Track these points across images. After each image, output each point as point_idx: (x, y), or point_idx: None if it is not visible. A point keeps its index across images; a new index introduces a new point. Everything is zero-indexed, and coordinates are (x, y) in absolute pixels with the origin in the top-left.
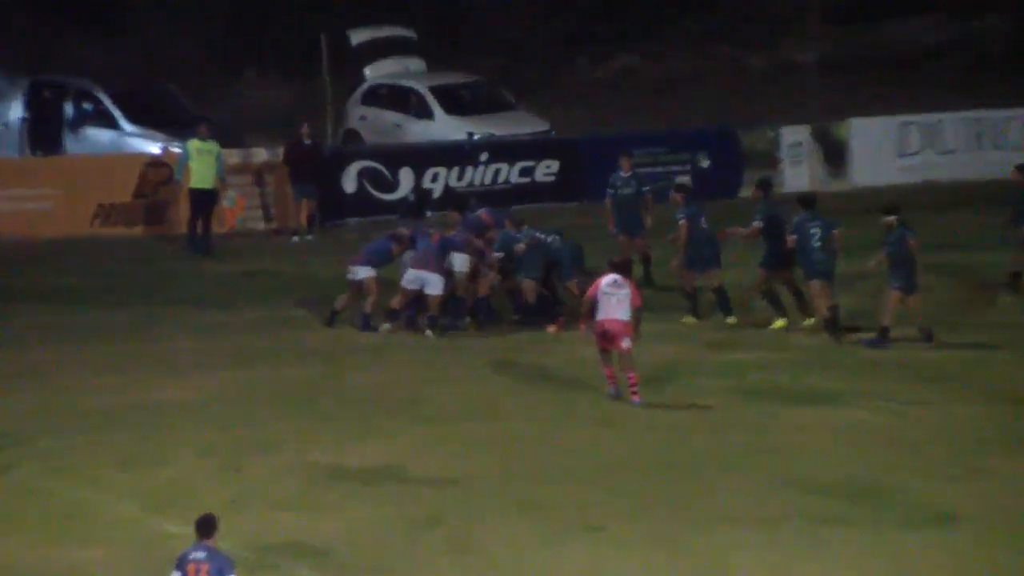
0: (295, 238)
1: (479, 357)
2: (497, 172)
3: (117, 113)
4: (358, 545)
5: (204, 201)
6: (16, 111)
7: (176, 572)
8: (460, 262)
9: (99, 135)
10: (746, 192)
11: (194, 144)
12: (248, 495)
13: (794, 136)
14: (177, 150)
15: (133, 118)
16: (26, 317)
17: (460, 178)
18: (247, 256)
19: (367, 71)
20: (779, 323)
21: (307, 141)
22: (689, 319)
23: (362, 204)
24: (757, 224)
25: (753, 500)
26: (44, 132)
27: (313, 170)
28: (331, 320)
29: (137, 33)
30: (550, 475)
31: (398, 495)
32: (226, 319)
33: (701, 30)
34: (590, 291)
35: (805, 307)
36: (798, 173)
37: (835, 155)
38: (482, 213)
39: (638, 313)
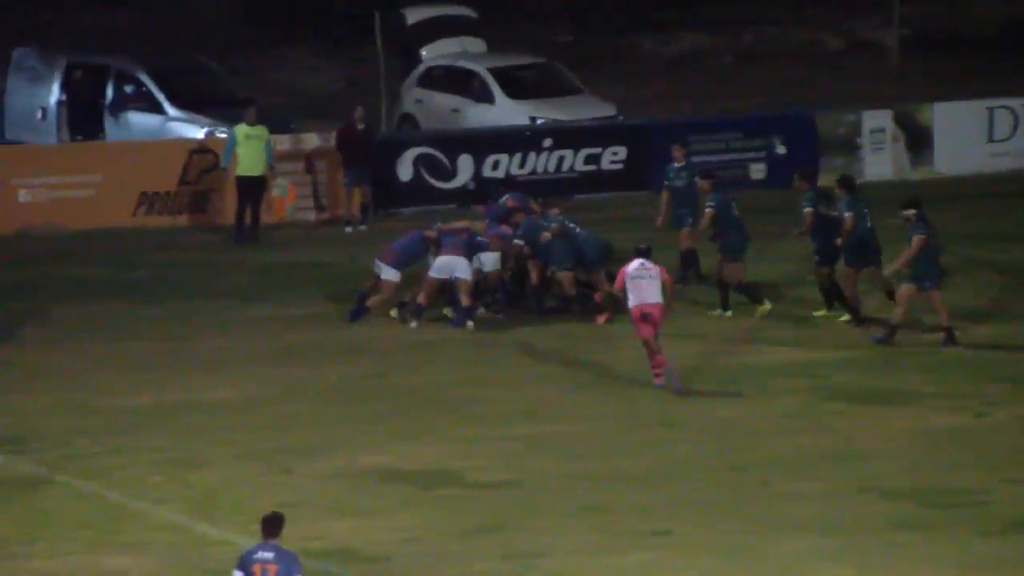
0: (348, 228)
1: (532, 355)
2: (561, 159)
3: (160, 96)
4: (412, 553)
5: (252, 189)
6: (53, 94)
7: (238, 572)
8: (491, 262)
9: (141, 119)
10: (824, 181)
11: (242, 129)
12: (296, 500)
13: (876, 121)
14: (223, 135)
15: (176, 101)
16: (61, 311)
17: (522, 165)
18: (296, 247)
19: (423, 52)
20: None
21: (360, 126)
22: (716, 312)
23: (418, 193)
24: (808, 211)
25: (825, 506)
26: (83, 116)
27: (366, 157)
28: (356, 314)
29: (143, 2)
30: (612, 478)
31: (453, 499)
32: (271, 314)
33: (775, 7)
34: (617, 281)
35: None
36: (880, 160)
37: (919, 141)
38: (508, 199)
39: (668, 289)
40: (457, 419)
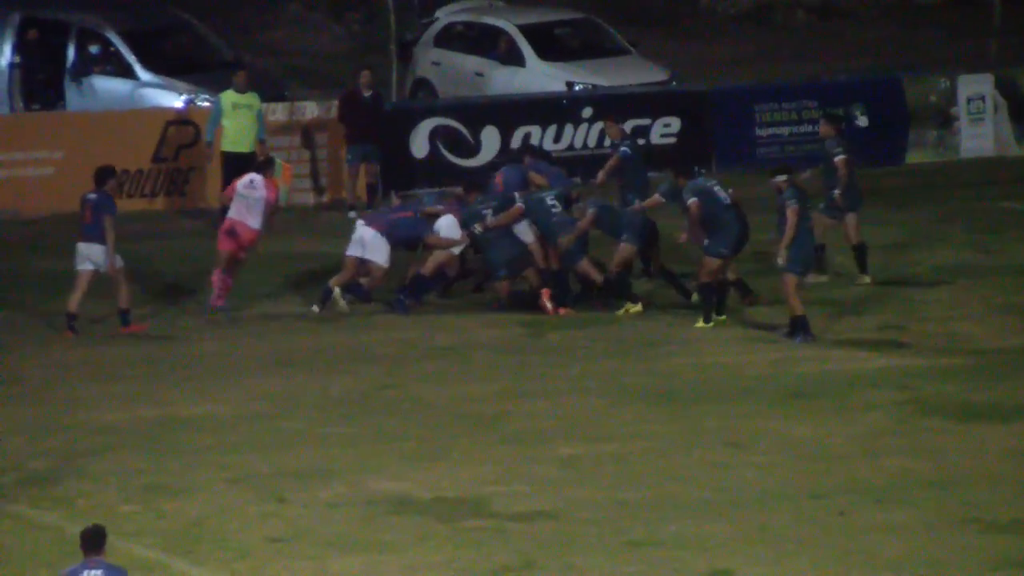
0: (352, 213)
1: (576, 361)
2: (603, 132)
3: (131, 58)
4: None
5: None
6: (4, 56)
7: None
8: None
9: (109, 85)
10: (914, 157)
11: (229, 97)
12: (293, 533)
13: (974, 87)
14: (206, 104)
15: (150, 64)
16: (16, 311)
17: (557, 139)
18: (292, 235)
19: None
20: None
21: (367, 93)
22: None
23: (435, 171)
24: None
25: (917, 541)
26: (40, 82)
27: (374, 129)
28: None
29: None
30: (664, 507)
31: (478, 533)
32: (263, 313)
33: None
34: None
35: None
36: (979, 134)
37: None
38: (531, 171)
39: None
40: (483, 438)
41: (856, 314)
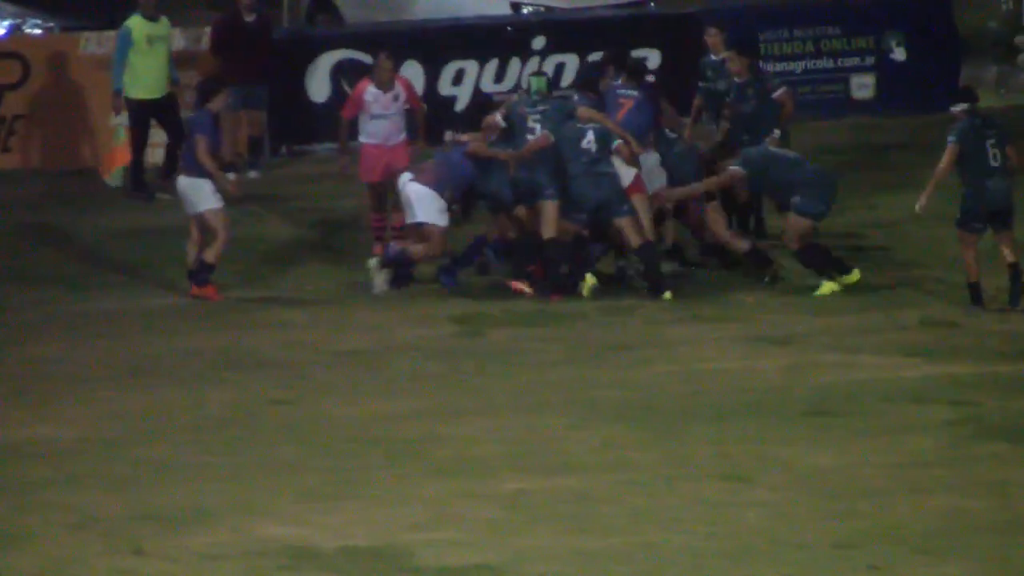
0: (230, 175)
1: (526, 369)
2: (560, 69)
3: None
4: None
5: (158, 115)
6: None
7: None
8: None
9: None
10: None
11: (140, 26)
12: None
13: None
14: (36, 32)
15: None
16: None
17: (499, 79)
18: (155, 206)
19: None
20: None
21: (249, 17)
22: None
23: (339, 120)
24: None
25: None
26: None
27: (259, 64)
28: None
29: None
30: (643, 558)
31: None
32: (116, 308)
33: None
34: None
35: None
36: None
37: None
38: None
39: None
40: (404, 470)
41: (892, 307)
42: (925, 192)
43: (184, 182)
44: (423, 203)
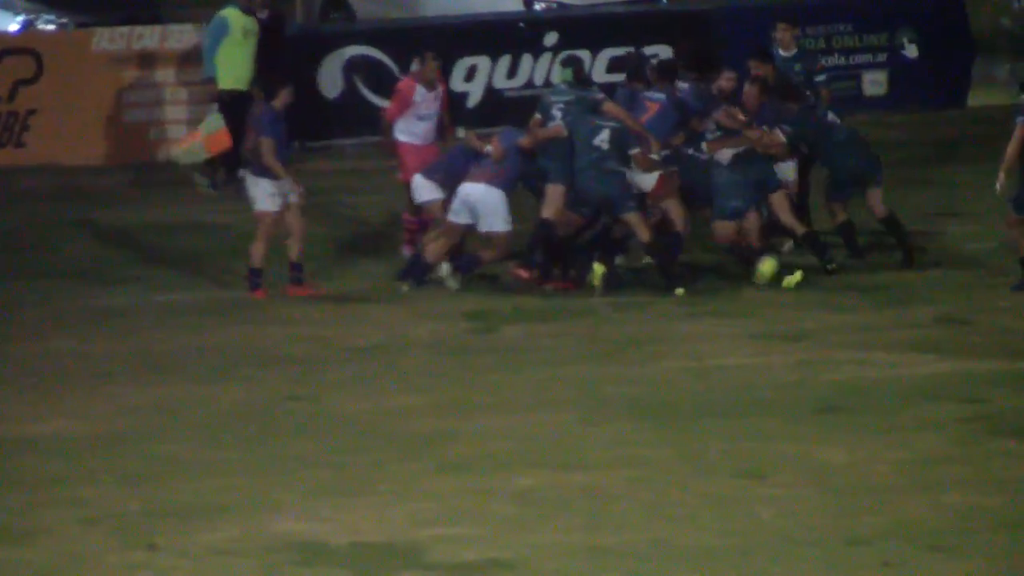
0: (241, 172)
1: (539, 366)
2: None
3: None
4: None
5: (241, 111)
6: None
7: None
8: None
9: None
10: (980, 99)
11: (237, 19)
12: None
13: None
14: (51, 27)
15: None
16: None
17: (511, 74)
18: (172, 201)
19: None
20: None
21: (261, 14)
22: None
23: (352, 116)
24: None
25: None
26: None
27: (271, 61)
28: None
29: None
30: (656, 555)
31: None
32: (131, 304)
33: None
34: None
35: None
36: None
37: None
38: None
39: None
40: (417, 466)
41: (905, 303)
42: (999, 176)
43: (248, 180)
44: (498, 212)
